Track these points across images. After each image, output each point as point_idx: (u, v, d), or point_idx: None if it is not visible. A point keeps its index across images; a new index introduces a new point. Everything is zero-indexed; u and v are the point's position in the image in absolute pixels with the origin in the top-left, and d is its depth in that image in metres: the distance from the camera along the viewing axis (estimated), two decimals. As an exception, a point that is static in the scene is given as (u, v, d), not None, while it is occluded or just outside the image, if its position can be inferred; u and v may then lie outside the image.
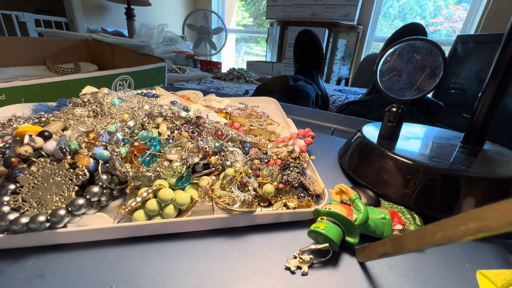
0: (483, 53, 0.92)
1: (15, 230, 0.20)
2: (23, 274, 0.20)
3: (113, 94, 0.37)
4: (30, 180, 0.23)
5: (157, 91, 0.47)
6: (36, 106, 0.41)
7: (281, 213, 0.25)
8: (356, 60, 2.34)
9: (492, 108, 0.31)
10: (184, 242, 0.23)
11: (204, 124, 0.33)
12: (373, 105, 0.76)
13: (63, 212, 0.21)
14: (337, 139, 0.51)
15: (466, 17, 2.00)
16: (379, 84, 0.35)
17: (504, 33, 0.30)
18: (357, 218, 0.23)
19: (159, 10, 2.65)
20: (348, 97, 1.17)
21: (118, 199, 0.28)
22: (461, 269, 0.23)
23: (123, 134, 0.29)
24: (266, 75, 1.74)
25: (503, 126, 0.72)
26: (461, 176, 0.27)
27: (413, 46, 0.33)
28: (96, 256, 0.21)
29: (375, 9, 2.25)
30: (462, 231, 0.12)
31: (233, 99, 0.54)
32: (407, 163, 0.29)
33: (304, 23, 2.10)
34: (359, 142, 0.37)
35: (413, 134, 0.39)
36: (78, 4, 2.10)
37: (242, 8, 3.38)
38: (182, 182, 0.26)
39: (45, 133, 0.26)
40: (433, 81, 0.32)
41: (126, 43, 1.50)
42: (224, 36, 2.62)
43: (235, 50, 3.49)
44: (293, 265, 0.21)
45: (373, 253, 0.20)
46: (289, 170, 0.28)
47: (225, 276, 0.21)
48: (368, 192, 0.30)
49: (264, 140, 0.36)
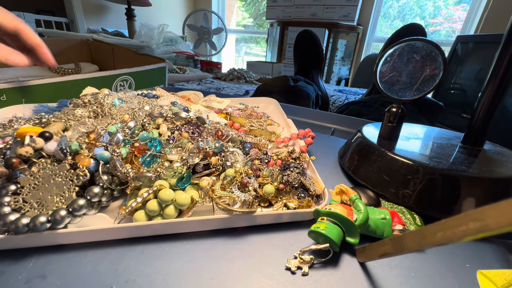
0: (482, 53, 0.92)
1: (16, 231, 0.20)
2: (24, 274, 0.20)
3: (114, 95, 0.37)
4: (31, 181, 0.23)
5: (157, 91, 0.47)
6: (36, 106, 0.41)
7: (282, 213, 0.25)
8: (356, 61, 2.34)
9: (492, 108, 0.31)
10: (184, 243, 0.23)
11: (204, 124, 0.33)
12: (373, 106, 0.76)
13: (63, 212, 0.21)
14: (337, 139, 0.52)
15: (465, 17, 2.00)
16: (379, 85, 0.35)
17: (504, 33, 0.30)
18: (357, 219, 0.23)
19: (159, 10, 2.65)
20: (348, 97, 1.17)
21: (119, 199, 0.28)
22: (462, 269, 0.23)
23: (123, 135, 0.29)
24: (266, 76, 1.74)
25: (503, 126, 0.72)
26: (461, 176, 0.27)
27: (413, 47, 0.33)
28: (96, 257, 0.21)
29: (375, 10, 2.25)
30: (462, 231, 0.12)
31: (233, 100, 0.54)
32: (407, 163, 0.29)
33: (304, 23, 2.10)
34: (359, 142, 0.37)
35: (413, 134, 0.39)
36: (78, 4, 2.10)
37: (242, 9, 3.38)
38: (182, 183, 0.26)
39: (45, 134, 0.26)
40: (433, 81, 0.32)
41: (126, 44, 1.50)
42: (224, 37, 2.62)
43: (235, 50, 3.49)
44: (293, 265, 0.21)
45: (373, 253, 0.20)
46: (289, 170, 0.28)
47: (225, 276, 0.21)
48: (368, 192, 0.30)
49: (264, 140, 0.36)
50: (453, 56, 1.01)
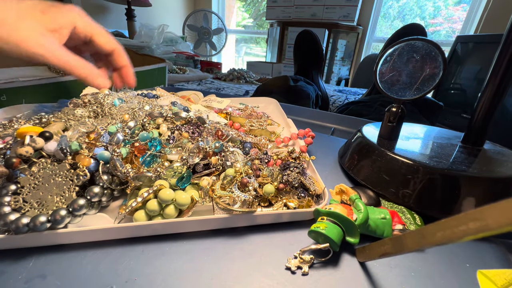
0: (482, 53, 0.92)
1: (16, 231, 0.20)
2: (24, 274, 0.20)
3: (114, 95, 0.37)
4: (31, 181, 0.23)
5: (157, 91, 0.47)
6: (37, 106, 0.41)
7: (282, 213, 0.25)
8: (356, 61, 2.34)
9: (492, 108, 0.31)
10: (184, 242, 0.23)
11: (204, 124, 0.33)
12: (373, 106, 0.76)
13: (64, 212, 0.21)
14: (337, 139, 0.52)
15: (465, 17, 2.00)
16: (379, 84, 0.35)
17: (503, 33, 0.30)
18: (357, 218, 0.23)
19: (159, 10, 2.65)
20: (348, 97, 1.17)
21: (119, 199, 0.28)
22: (462, 269, 0.23)
23: (123, 135, 0.29)
24: (266, 76, 1.74)
25: (503, 126, 0.72)
26: (461, 176, 0.27)
27: (412, 46, 0.33)
28: (97, 256, 0.21)
29: (375, 10, 2.25)
30: (462, 231, 0.12)
31: (233, 100, 0.54)
32: (407, 163, 0.29)
33: (304, 23, 2.10)
34: (359, 142, 0.37)
35: (413, 134, 0.39)
36: (78, 4, 2.10)
37: (242, 9, 3.38)
38: (182, 183, 0.26)
39: (46, 134, 0.26)
40: (433, 81, 0.32)
41: (126, 44, 1.50)
42: (224, 37, 2.62)
43: (235, 50, 3.49)
44: (293, 265, 0.21)
45: (373, 253, 0.20)
46: (289, 170, 0.28)
47: (225, 276, 0.21)
48: (368, 192, 0.30)
49: (264, 140, 0.36)
50: (453, 56, 1.01)
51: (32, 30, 0.27)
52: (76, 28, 0.32)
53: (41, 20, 0.28)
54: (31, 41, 0.27)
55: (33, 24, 0.28)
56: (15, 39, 0.27)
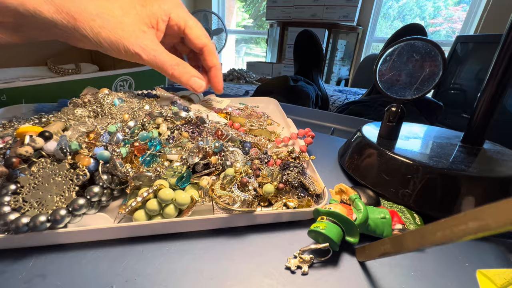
0: (482, 53, 0.92)
1: (16, 230, 0.20)
2: (23, 274, 0.20)
3: (114, 95, 0.37)
4: (31, 180, 0.23)
5: (157, 91, 0.47)
6: (36, 106, 0.41)
7: (281, 213, 0.25)
8: (356, 61, 2.34)
9: (492, 107, 0.31)
10: (184, 242, 0.23)
11: (204, 124, 0.33)
12: (373, 106, 0.76)
13: (63, 212, 0.21)
14: (337, 139, 0.52)
15: (465, 17, 2.00)
16: (378, 84, 0.35)
17: (503, 33, 0.30)
18: (357, 218, 0.23)
19: (159, 11, 2.65)
20: (348, 97, 1.17)
21: (119, 199, 0.28)
22: (461, 268, 0.23)
23: (123, 134, 0.29)
24: (266, 76, 1.74)
25: (503, 125, 0.72)
26: (461, 176, 0.27)
27: (412, 46, 0.33)
28: (96, 256, 0.21)
29: (375, 10, 2.25)
30: (462, 231, 0.12)
31: (233, 100, 0.54)
32: (407, 162, 0.29)
33: (304, 24, 2.10)
34: (359, 142, 0.37)
35: (413, 134, 0.39)
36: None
37: (242, 9, 3.38)
38: (182, 182, 0.26)
39: (45, 134, 0.26)
40: (433, 80, 0.32)
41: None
42: (224, 37, 2.62)
43: (235, 50, 3.50)
44: (293, 265, 0.21)
45: (373, 252, 0.20)
46: (289, 170, 0.28)
47: (225, 276, 0.21)
48: (368, 192, 0.30)
49: (264, 140, 0.36)
50: (453, 56, 1.01)
51: (134, 26, 0.25)
52: (170, 20, 0.29)
53: (141, 14, 0.26)
54: (133, 39, 0.25)
55: (135, 20, 0.25)
56: (118, 37, 0.24)
